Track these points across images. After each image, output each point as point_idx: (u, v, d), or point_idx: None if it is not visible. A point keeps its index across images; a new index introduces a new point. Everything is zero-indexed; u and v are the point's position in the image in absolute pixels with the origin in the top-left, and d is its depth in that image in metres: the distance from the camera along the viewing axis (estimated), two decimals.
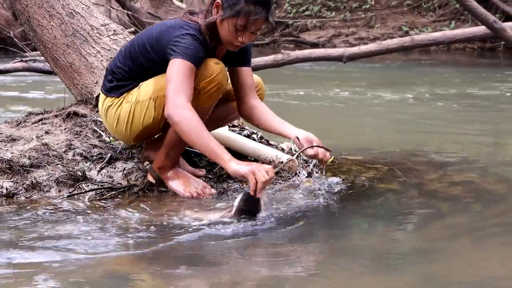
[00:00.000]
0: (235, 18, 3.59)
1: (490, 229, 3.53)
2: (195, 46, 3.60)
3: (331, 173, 4.26)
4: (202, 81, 3.63)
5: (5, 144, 4.16)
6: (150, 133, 3.88)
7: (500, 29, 7.75)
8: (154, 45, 3.71)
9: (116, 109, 3.84)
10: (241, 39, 3.64)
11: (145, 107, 3.76)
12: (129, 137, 3.90)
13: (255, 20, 3.59)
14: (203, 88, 3.64)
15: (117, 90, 3.84)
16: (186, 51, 3.58)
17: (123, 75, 3.83)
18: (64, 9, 4.75)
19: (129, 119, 3.81)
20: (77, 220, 3.46)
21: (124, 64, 3.83)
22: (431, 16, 20.19)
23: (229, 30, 3.62)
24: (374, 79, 11.61)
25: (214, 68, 3.66)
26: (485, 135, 6.64)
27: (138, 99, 3.77)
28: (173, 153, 3.84)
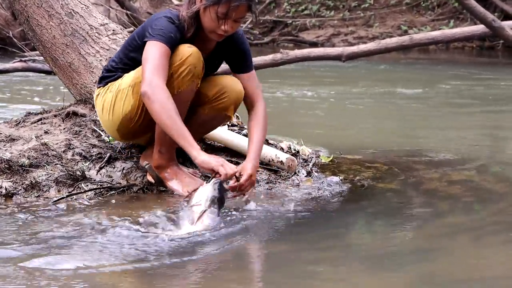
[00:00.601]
0: (216, 6, 3.61)
1: (490, 228, 3.53)
2: (169, 27, 3.65)
3: (330, 173, 4.26)
4: (173, 65, 3.64)
5: (4, 144, 4.16)
6: (129, 125, 3.83)
7: (498, 27, 7.76)
8: (139, 32, 3.78)
9: (102, 98, 3.89)
10: (223, 28, 3.65)
11: (125, 94, 3.78)
12: (113, 127, 3.88)
13: (236, 7, 3.60)
14: (175, 72, 3.64)
15: (104, 80, 3.90)
16: (160, 32, 3.63)
17: (113, 66, 3.88)
18: (63, 9, 4.75)
19: (111, 107, 3.83)
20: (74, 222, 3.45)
21: (117, 57, 3.90)
22: (430, 15, 20.19)
23: (211, 19, 3.64)
24: (373, 78, 11.61)
25: (186, 50, 3.66)
26: (485, 134, 6.64)
27: (120, 88, 3.81)
28: (165, 149, 3.82)
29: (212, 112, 3.92)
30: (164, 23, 3.66)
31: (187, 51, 3.66)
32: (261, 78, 4.07)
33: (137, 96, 3.72)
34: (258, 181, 4.06)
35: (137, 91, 3.69)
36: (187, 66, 3.65)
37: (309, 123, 7.15)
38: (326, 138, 5.74)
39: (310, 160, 4.35)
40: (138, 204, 3.70)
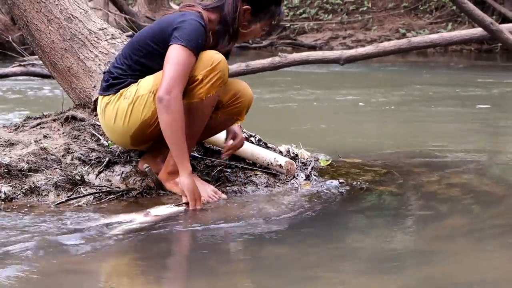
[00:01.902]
0: (269, 21, 3.81)
1: (489, 231, 3.53)
2: (198, 32, 3.65)
3: (329, 176, 4.26)
4: (204, 70, 3.64)
5: (3, 148, 4.16)
6: (146, 131, 3.81)
7: (497, 31, 7.77)
8: (156, 35, 3.74)
9: (114, 106, 3.81)
10: (257, 36, 3.90)
11: (145, 100, 3.74)
12: (126, 134, 3.84)
13: (275, 18, 3.84)
14: (205, 77, 3.64)
15: (113, 87, 3.83)
16: (190, 38, 3.62)
17: (120, 73, 3.82)
18: (62, 13, 4.75)
19: (127, 114, 3.78)
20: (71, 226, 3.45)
21: (121, 63, 3.83)
22: (428, 18, 20.22)
23: (255, 31, 3.82)
24: (372, 81, 11.62)
25: (215, 56, 3.67)
26: (484, 137, 6.65)
27: (138, 94, 3.75)
28: None
29: (225, 116, 3.96)
30: (195, 27, 3.66)
31: (217, 57, 3.67)
32: (260, 81, 4.08)
33: None
34: (257, 185, 4.06)
35: None
36: (218, 72, 3.66)
37: (308, 127, 7.15)
38: (325, 142, 5.74)
39: (309, 164, 4.35)
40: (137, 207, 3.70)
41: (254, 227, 3.43)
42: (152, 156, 3.98)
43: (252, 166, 4.19)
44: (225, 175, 4.08)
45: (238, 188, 4.02)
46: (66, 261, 3.02)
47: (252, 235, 3.37)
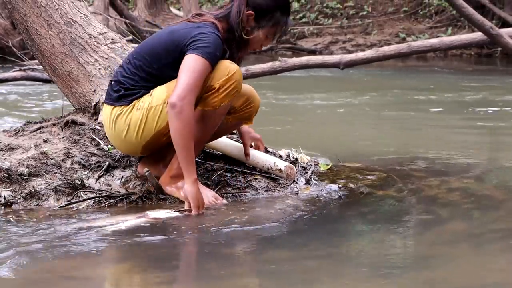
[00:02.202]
0: (273, 29, 3.79)
1: (489, 235, 3.53)
2: (216, 44, 3.66)
3: (329, 180, 4.26)
4: (220, 79, 3.66)
5: (3, 153, 4.16)
6: (159, 141, 3.82)
7: (496, 35, 7.79)
8: (169, 46, 3.73)
9: (127, 117, 3.80)
10: (265, 44, 3.87)
11: (159, 111, 3.74)
12: (138, 145, 3.85)
13: (284, 24, 3.81)
14: (221, 86, 3.66)
15: (126, 98, 3.81)
16: (207, 49, 3.62)
17: (132, 84, 3.80)
18: (63, 18, 4.76)
19: (141, 125, 3.77)
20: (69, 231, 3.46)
21: (132, 74, 3.80)
22: (428, 22, 20.23)
23: (260, 39, 3.81)
24: (372, 85, 11.62)
25: (231, 66, 3.70)
26: (483, 141, 6.65)
27: (151, 104, 3.74)
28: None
29: (235, 121, 4.02)
30: (213, 40, 3.66)
31: (232, 67, 3.70)
32: (260, 85, 4.09)
33: None
34: (257, 189, 4.06)
35: None
36: (234, 82, 3.68)
37: (307, 131, 7.15)
38: (325, 146, 5.74)
39: (309, 168, 4.35)
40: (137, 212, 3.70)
41: (254, 231, 3.43)
42: (154, 160, 3.98)
43: (252, 171, 4.19)
44: (225, 179, 4.08)
45: (238, 192, 4.02)
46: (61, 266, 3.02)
47: (252, 239, 3.37)
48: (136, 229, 3.44)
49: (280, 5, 3.78)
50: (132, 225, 3.48)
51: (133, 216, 3.59)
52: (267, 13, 3.75)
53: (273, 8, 3.76)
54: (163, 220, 3.55)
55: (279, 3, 3.78)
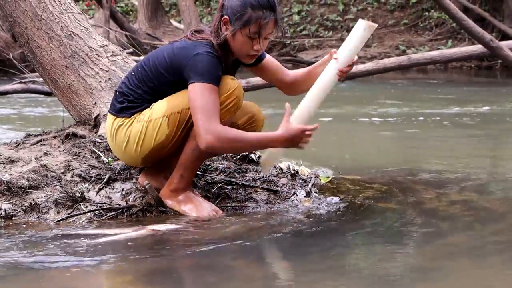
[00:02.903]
0: (247, 28, 3.66)
1: (490, 248, 3.53)
2: (214, 65, 3.64)
3: (329, 193, 4.26)
4: (221, 96, 3.66)
5: (4, 166, 4.16)
6: (160, 153, 3.83)
7: (496, 47, 7.80)
8: (169, 68, 3.72)
9: (127, 129, 3.81)
10: (257, 47, 3.71)
11: (158, 124, 3.75)
12: (137, 157, 3.86)
13: (266, 23, 3.66)
14: (222, 103, 3.66)
15: (128, 110, 3.82)
16: (206, 72, 3.61)
17: (135, 97, 3.81)
18: (63, 31, 4.77)
19: (140, 138, 3.78)
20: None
21: (136, 87, 3.81)
22: (428, 35, 20.26)
23: (243, 42, 3.69)
24: (372, 98, 11.62)
25: (232, 83, 3.69)
26: (484, 154, 6.65)
27: (151, 117, 3.76)
28: (187, 174, 3.82)
29: None
30: (208, 61, 3.64)
31: (233, 83, 3.70)
32: (261, 98, 4.09)
33: (173, 126, 3.73)
34: (258, 202, 4.06)
35: (173, 121, 3.72)
36: (234, 98, 3.69)
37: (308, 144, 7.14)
38: (325, 158, 5.74)
39: (309, 181, 4.35)
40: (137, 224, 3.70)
41: (254, 244, 3.42)
42: (155, 171, 3.98)
43: (252, 183, 4.19)
44: (225, 192, 4.07)
45: (239, 205, 4.02)
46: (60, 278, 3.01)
47: (252, 252, 3.37)
48: (136, 241, 3.43)
49: (249, 2, 3.65)
50: (131, 237, 3.48)
51: (133, 228, 3.59)
52: (238, 13, 3.65)
53: (242, 7, 3.66)
54: (162, 232, 3.54)
55: (247, 1, 3.66)
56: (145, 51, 16.38)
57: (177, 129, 3.73)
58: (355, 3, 22.14)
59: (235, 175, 4.28)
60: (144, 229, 3.58)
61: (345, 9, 21.94)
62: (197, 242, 3.45)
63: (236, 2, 3.67)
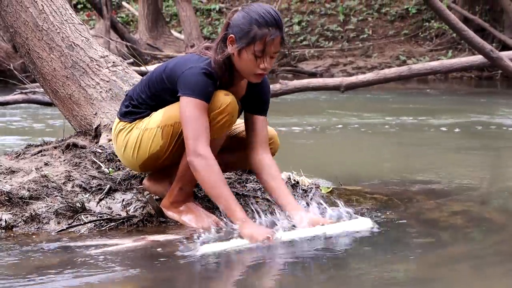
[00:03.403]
0: (252, 45, 3.60)
1: (491, 258, 3.52)
2: (204, 81, 3.61)
3: (330, 203, 4.25)
4: (212, 112, 3.63)
5: (4, 176, 4.16)
6: (156, 162, 3.85)
7: (497, 58, 7.80)
8: (168, 76, 3.72)
9: (126, 134, 3.85)
10: (262, 65, 3.65)
11: (153, 134, 3.76)
12: (135, 163, 3.89)
13: (271, 41, 3.60)
14: (213, 119, 3.64)
15: (131, 115, 3.85)
16: (195, 88, 3.59)
17: (140, 102, 3.83)
18: (64, 41, 4.78)
19: (136, 146, 3.81)
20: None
21: (142, 91, 3.84)
22: (428, 45, 20.29)
23: (248, 60, 3.63)
24: (372, 108, 11.63)
25: (224, 99, 3.65)
26: (484, 164, 6.64)
27: (147, 126, 3.78)
28: (187, 187, 3.82)
29: None
30: (200, 78, 3.62)
31: (225, 99, 3.65)
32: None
33: (167, 138, 3.73)
34: (259, 212, 4.05)
35: (167, 133, 3.73)
36: (226, 115, 3.66)
37: (308, 154, 7.15)
38: (326, 169, 5.74)
39: (309, 191, 4.35)
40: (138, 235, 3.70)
41: (255, 253, 3.41)
42: (159, 177, 3.99)
43: (253, 193, 4.18)
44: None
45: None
46: None
47: (253, 261, 3.36)
48: (136, 251, 3.43)
49: (254, 20, 3.60)
50: (132, 247, 3.48)
51: (133, 238, 3.59)
52: (243, 31, 3.61)
53: (247, 24, 3.61)
54: (162, 242, 3.54)
55: (252, 18, 3.60)
56: (146, 62, 16.42)
57: (170, 141, 3.74)
58: (355, 13, 22.19)
59: (235, 185, 4.28)
60: (144, 239, 3.58)
61: (345, 19, 21.98)
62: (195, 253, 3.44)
63: (242, 20, 3.63)
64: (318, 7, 22.66)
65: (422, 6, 21.08)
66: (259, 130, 3.88)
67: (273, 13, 3.62)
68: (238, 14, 3.67)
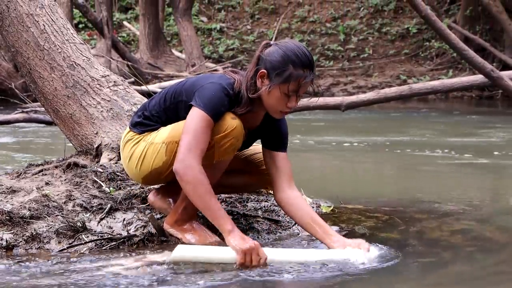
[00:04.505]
0: (286, 85, 3.57)
1: (492, 278, 3.51)
2: (220, 99, 3.60)
3: (331, 222, 4.25)
4: (217, 135, 3.61)
5: (5, 195, 4.16)
6: (158, 177, 3.85)
7: (497, 77, 7.82)
8: (188, 87, 3.71)
9: (133, 146, 3.84)
10: (290, 104, 3.63)
11: (157, 150, 3.76)
12: (138, 176, 3.89)
13: (305, 83, 3.59)
14: (217, 142, 3.61)
15: (141, 126, 3.85)
16: (209, 102, 3.57)
17: (153, 114, 3.82)
18: (65, 61, 4.80)
19: (141, 158, 3.80)
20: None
21: (157, 103, 3.83)
22: (429, 64, 20.35)
23: (279, 98, 3.60)
24: (373, 127, 11.64)
25: (231, 123, 3.62)
26: (485, 183, 6.64)
27: (153, 141, 3.77)
28: (191, 206, 3.78)
29: (257, 182, 4.06)
30: (217, 94, 3.60)
31: (232, 123, 3.62)
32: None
33: (170, 154, 3.71)
34: (259, 231, 4.05)
35: (171, 150, 3.70)
36: (230, 139, 3.63)
37: (309, 172, 7.15)
38: (326, 188, 5.74)
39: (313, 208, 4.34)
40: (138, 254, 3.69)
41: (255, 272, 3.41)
42: (166, 193, 4.02)
43: (254, 213, 4.19)
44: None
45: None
46: None
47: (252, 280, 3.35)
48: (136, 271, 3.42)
49: (291, 60, 3.57)
50: (132, 267, 3.47)
51: (134, 258, 3.58)
52: (278, 69, 3.58)
53: (283, 63, 3.58)
54: (163, 262, 3.53)
55: (289, 58, 3.57)
56: (147, 81, 16.46)
57: (174, 158, 3.71)
58: (356, 33, 22.25)
59: (236, 204, 4.28)
60: (145, 259, 3.57)
61: (346, 39, 22.05)
62: (198, 271, 3.44)
63: (278, 57, 3.59)
64: (319, 27, 22.75)
65: (422, 26, 21.16)
66: (282, 167, 3.84)
67: (308, 54, 3.61)
68: (272, 50, 3.63)
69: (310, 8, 23.77)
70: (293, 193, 3.81)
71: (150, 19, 20.07)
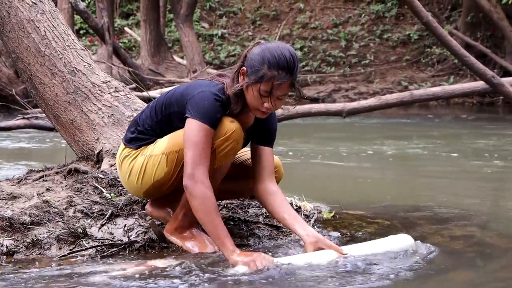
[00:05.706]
0: (258, 84, 3.57)
1: (493, 284, 3.51)
2: (214, 106, 3.59)
3: (332, 228, 4.25)
4: (218, 139, 3.61)
5: (6, 202, 4.16)
6: (160, 189, 3.85)
7: (498, 84, 7.83)
8: (178, 97, 3.71)
9: (131, 161, 3.84)
10: (267, 105, 3.61)
11: (157, 161, 3.75)
12: (139, 190, 3.88)
13: (278, 85, 3.56)
14: (218, 146, 3.62)
15: (136, 142, 3.85)
16: (204, 112, 3.57)
17: (146, 128, 3.83)
18: (66, 67, 4.80)
19: (141, 172, 3.80)
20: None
21: (148, 117, 3.83)
22: (430, 71, 20.35)
23: (254, 96, 3.61)
24: (374, 133, 11.64)
25: (230, 126, 3.63)
26: (486, 189, 6.64)
27: (152, 153, 3.77)
28: (191, 213, 3.78)
29: None
30: (210, 102, 3.59)
31: (231, 126, 3.62)
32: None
33: (171, 165, 3.72)
34: (260, 237, 4.05)
35: (172, 159, 3.71)
36: (231, 142, 3.64)
37: (310, 179, 7.15)
38: (328, 194, 5.73)
39: (311, 216, 4.35)
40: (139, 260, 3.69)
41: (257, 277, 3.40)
42: (163, 202, 4.00)
43: (255, 219, 4.18)
44: (228, 228, 4.06)
45: (241, 241, 4.00)
46: None
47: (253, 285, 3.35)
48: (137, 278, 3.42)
49: (267, 60, 3.55)
50: (133, 273, 3.47)
51: (134, 263, 3.58)
52: (254, 67, 3.58)
53: (259, 62, 3.57)
54: (163, 268, 3.53)
55: (266, 58, 3.56)
56: (148, 87, 16.46)
57: (175, 167, 3.72)
58: (357, 39, 22.27)
59: (237, 210, 4.28)
60: (145, 265, 3.56)
61: (347, 45, 22.07)
62: (198, 277, 3.44)
63: (256, 56, 3.60)
64: (320, 33, 22.77)
65: (424, 32, 21.18)
66: (266, 161, 3.86)
67: (288, 56, 3.56)
68: (255, 49, 3.64)
69: (311, 14, 23.81)
70: (273, 187, 3.84)
71: (151, 25, 20.10)
